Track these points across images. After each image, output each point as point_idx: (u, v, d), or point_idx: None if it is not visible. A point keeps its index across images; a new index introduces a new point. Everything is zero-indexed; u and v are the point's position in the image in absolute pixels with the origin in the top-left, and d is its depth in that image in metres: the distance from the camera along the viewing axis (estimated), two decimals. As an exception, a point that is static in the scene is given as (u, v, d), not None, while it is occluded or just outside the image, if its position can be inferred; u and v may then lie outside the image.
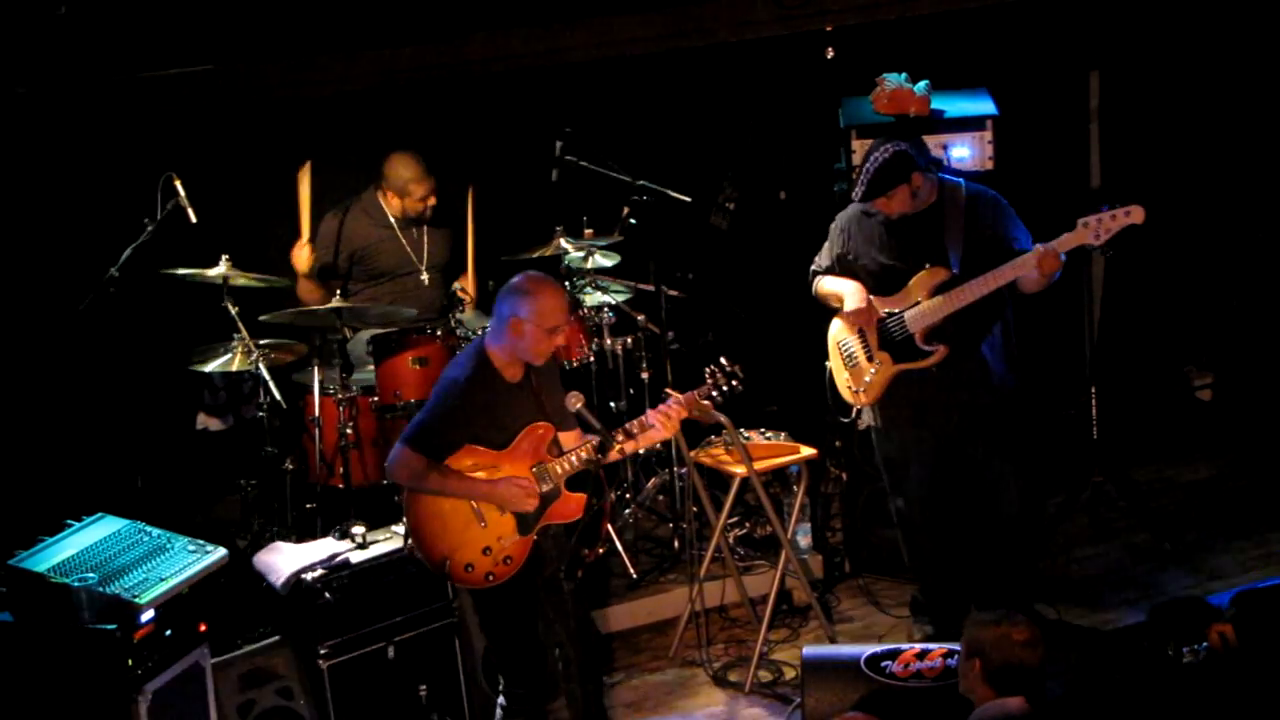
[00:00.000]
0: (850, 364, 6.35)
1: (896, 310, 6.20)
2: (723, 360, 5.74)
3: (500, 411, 5.50)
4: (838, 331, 6.41)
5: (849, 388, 6.37)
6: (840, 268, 6.39)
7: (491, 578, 5.51)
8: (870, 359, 6.27)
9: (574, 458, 5.56)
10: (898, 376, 6.22)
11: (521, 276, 5.50)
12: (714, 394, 5.70)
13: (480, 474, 5.46)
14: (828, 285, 6.41)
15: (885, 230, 6.22)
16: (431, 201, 7.20)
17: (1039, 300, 6.21)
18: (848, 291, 6.29)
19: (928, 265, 6.13)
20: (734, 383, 5.69)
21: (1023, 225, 6.17)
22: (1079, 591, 6.99)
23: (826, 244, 6.47)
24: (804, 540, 7.28)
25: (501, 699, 5.73)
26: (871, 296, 6.24)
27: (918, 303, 6.15)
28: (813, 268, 6.51)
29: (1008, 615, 4.91)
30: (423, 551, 5.52)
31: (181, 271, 6.60)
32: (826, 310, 6.45)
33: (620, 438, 5.56)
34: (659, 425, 5.59)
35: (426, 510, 5.48)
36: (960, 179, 6.24)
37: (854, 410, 6.44)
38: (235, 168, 7.49)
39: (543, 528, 5.59)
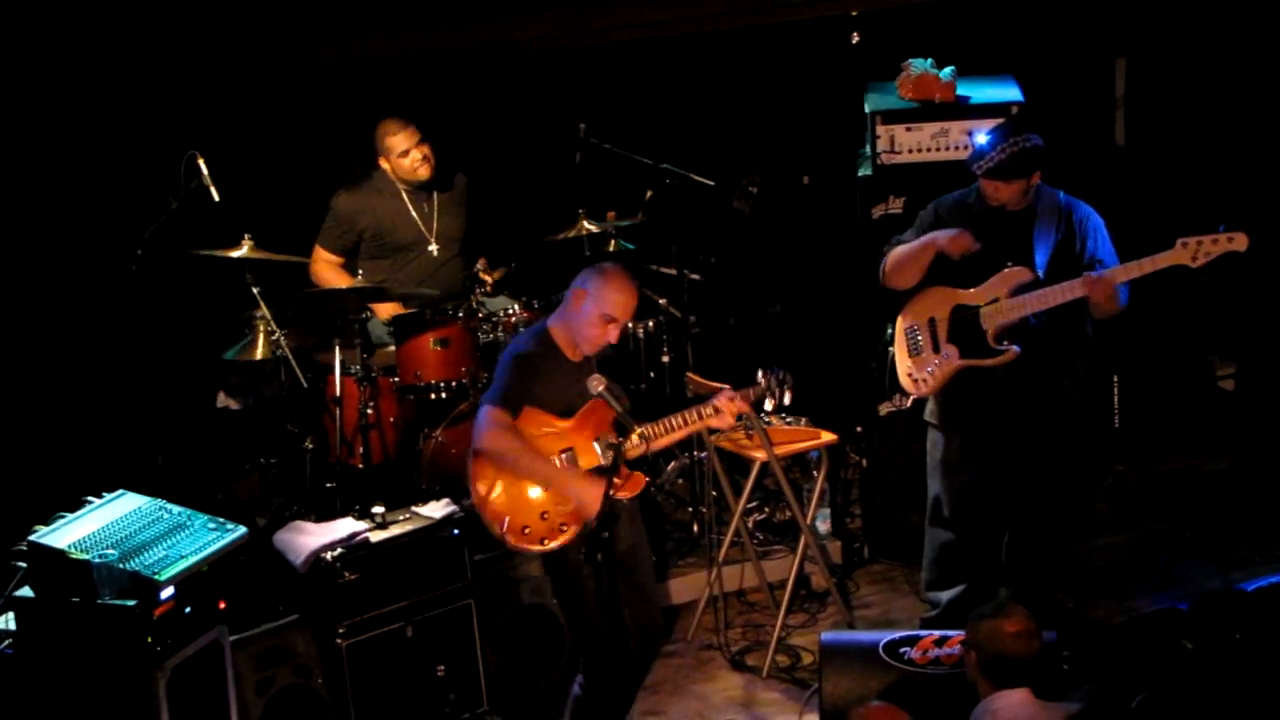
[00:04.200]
0: (914, 352, 6.20)
1: (973, 305, 6.08)
2: (775, 368, 5.79)
3: (562, 381, 5.60)
4: (905, 317, 6.25)
5: (909, 375, 6.21)
6: None
7: (546, 542, 5.55)
8: (937, 350, 6.14)
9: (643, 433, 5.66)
10: (968, 378, 6.10)
11: (608, 264, 5.65)
12: (766, 397, 5.76)
13: (548, 439, 5.54)
14: (907, 245, 6.15)
15: (978, 224, 6.06)
16: (417, 153, 7.09)
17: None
18: (938, 231, 6.07)
19: (1011, 264, 6.02)
20: (786, 389, 5.77)
21: (1112, 246, 6.04)
22: (1100, 580, 6.97)
23: (911, 229, 6.25)
24: (823, 526, 7.28)
25: (580, 678, 5.74)
26: (951, 289, 6.11)
27: (996, 300, 6.03)
28: (892, 241, 6.26)
29: (1003, 607, 4.90)
30: (484, 511, 5.57)
31: (208, 253, 6.62)
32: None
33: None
34: (723, 412, 5.67)
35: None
36: (1059, 190, 6.11)
37: (909, 398, 6.29)
38: (259, 147, 7.48)
39: (612, 506, 5.54)
